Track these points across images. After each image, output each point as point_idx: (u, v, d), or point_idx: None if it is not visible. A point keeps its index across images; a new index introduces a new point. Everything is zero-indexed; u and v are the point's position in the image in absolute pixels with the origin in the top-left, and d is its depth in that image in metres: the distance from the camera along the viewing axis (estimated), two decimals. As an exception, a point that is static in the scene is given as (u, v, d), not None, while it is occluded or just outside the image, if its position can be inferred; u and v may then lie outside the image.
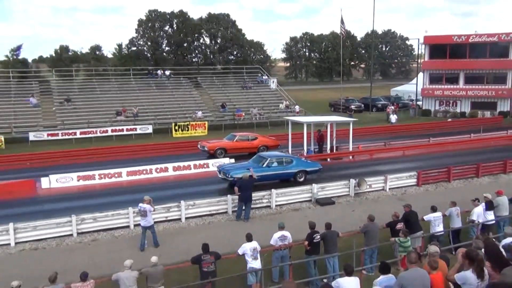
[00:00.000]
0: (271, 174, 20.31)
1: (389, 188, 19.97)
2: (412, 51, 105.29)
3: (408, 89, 55.88)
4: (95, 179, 21.77)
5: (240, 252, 11.04)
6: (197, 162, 23.82)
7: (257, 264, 10.96)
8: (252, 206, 16.97)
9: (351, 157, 26.97)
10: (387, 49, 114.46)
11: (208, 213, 16.91)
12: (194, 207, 16.77)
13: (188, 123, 37.20)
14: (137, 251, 13.73)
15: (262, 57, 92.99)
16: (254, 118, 40.78)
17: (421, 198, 18.14)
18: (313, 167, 21.52)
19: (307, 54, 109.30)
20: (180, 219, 16.42)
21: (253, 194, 16.97)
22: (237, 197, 16.60)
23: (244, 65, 60.30)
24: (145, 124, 37.18)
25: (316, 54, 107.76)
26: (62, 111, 38.46)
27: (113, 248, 14.18)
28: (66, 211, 16.25)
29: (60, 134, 34.19)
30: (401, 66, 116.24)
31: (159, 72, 49.52)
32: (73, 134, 34.37)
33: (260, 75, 52.34)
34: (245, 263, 11.00)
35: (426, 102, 47.52)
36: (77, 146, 30.75)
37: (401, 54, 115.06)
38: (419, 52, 52.10)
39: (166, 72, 49.63)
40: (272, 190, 17.92)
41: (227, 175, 19.90)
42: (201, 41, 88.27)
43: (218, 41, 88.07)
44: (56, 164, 25.61)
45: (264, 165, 20.11)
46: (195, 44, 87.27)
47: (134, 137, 35.21)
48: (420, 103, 47.97)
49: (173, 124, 36.66)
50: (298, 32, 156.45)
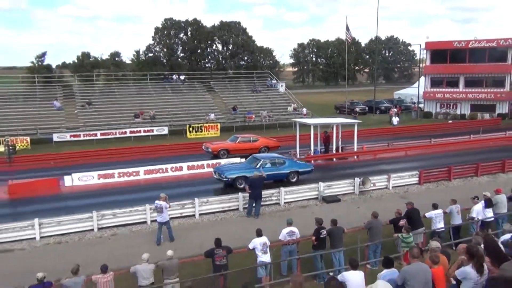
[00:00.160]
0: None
1: (392, 187, 19.87)
2: (414, 56, 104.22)
3: (410, 93, 55.38)
4: (115, 178, 21.90)
5: (251, 247, 11.05)
6: (210, 162, 23.78)
7: (267, 258, 10.96)
8: (262, 203, 16.99)
9: (356, 157, 26.84)
10: (390, 55, 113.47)
11: (221, 210, 16.95)
12: (207, 204, 16.82)
13: (202, 125, 37.27)
14: (154, 245, 13.80)
15: (271, 63, 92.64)
16: (264, 120, 40.75)
17: (423, 196, 18.01)
18: (305, 168, 21.32)
19: (314, 60, 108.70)
20: (194, 215, 16.48)
21: (263, 192, 16.98)
22: (248, 195, 16.62)
23: (254, 70, 60.17)
24: (161, 126, 37.28)
25: (323, 59, 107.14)
26: (84, 114, 38.81)
27: (131, 243, 14.26)
28: (88, 208, 16.44)
29: (82, 135, 34.45)
30: (404, 71, 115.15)
31: (174, 77, 49.87)
32: (94, 135, 34.63)
33: (270, 80, 52.25)
34: (255, 257, 11.01)
35: (428, 105, 47.08)
36: (98, 147, 30.97)
37: (404, 59, 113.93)
38: (421, 57, 51.57)
39: (181, 77, 49.89)
40: (281, 188, 17.92)
41: (222, 176, 19.75)
42: (214, 48, 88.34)
43: (230, 48, 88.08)
44: (78, 163, 25.83)
45: (258, 166, 19.61)
46: (208, 50, 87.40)
47: (151, 138, 35.34)
48: (422, 106, 47.51)
49: (188, 126, 36.77)
50: (306, 39, 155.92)
